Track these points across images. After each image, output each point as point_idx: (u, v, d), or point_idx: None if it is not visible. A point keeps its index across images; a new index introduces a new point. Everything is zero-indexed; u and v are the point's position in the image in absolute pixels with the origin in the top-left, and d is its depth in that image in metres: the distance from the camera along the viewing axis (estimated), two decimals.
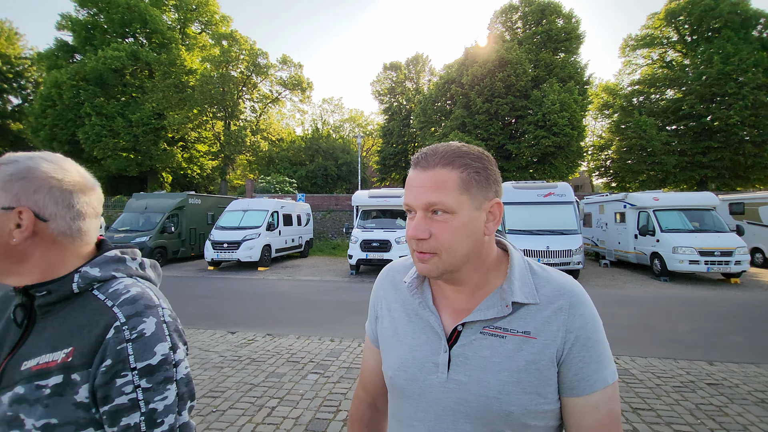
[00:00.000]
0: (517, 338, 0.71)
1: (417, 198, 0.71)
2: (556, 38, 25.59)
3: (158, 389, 0.69)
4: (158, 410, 0.69)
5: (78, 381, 0.67)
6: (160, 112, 28.10)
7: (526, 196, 11.18)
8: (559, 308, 0.71)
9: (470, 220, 0.71)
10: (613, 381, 0.71)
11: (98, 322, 0.70)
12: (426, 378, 0.74)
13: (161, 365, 0.70)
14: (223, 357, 4.56)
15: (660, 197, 11.44)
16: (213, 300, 7.99)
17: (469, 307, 0.75)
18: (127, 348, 0.68)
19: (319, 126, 39.60)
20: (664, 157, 24.10)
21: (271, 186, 25.29)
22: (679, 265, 9.99)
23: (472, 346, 0.73)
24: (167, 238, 13.69)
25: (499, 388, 0.69)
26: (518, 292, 0.72)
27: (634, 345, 5.01)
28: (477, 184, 0.71)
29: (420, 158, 0.73)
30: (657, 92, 27.24)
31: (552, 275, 0.76)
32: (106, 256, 0.80)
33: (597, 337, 0.71)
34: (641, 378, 3.99)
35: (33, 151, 0.78)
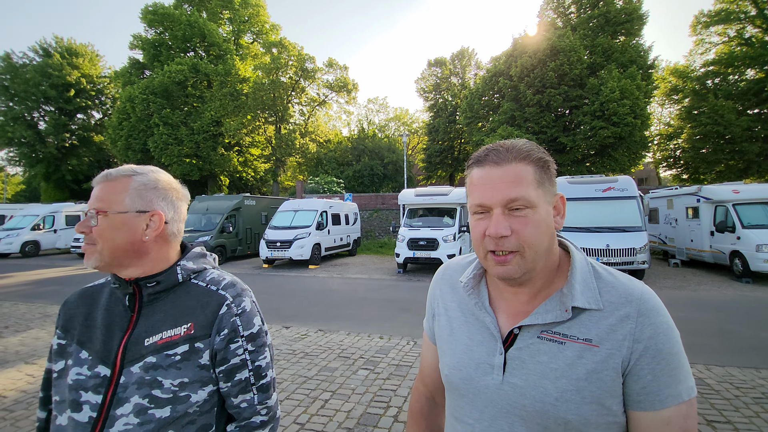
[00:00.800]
0: (577, 345, 0.68)
1: (495, 194, 0.69)
2: (614, 20, 23.81)
3: (260, 351, 0.91)
4: (262, 366, 0.91)
5: (201, 348, 0.85)
6: (217, 120, 30.10)
7: (583, 191, 10.53)
8: (625, 316, 0.67)
9: (547, 215, 0.70)
10: (689, 397, 0.66)
11: (209, 302, 0.88)
12: (481, 378, 0.74)
13: (259, 333, 0.92)
14: (279, 350, 4.81)
15: (741, 189, 10.27)
16: (268, 296, 8.42)
17: (527, 310, 0.74)
18: (236, 320, 0.88)
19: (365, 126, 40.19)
20: (746, 144, 21.53)
21: (320, 186, 26.10)
22: (764, 264, 8.91)
23: (529, 350, 0.71)
24: (226, 237, 14.64)
25: (557, 395, 0.67)
26: (579, 297, 0.69)
27: (710, 353, 4.57)
28: (548, 179, 0.71)
29: (490, 154, 0.71)
30: (735, 73, 24.41)
31: (619, 279, 0.72)
32: (195, 252, 0.97)
33: (671, 349, 0.66)
34: (718, 389, 3.63)
35: (132, 164, 0.94)
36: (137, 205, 0.87)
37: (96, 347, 0.85)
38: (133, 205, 0.87)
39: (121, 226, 0.85)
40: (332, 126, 40.38)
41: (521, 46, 24.62)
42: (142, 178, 0.89)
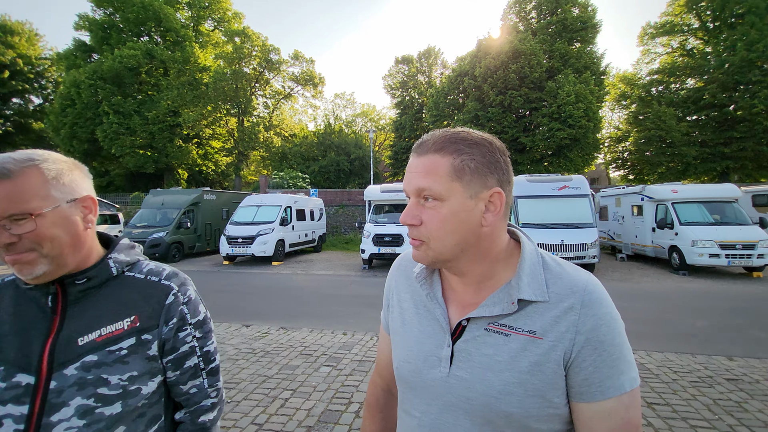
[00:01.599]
0: (521, 337, 0.68)
1: (410, 183, 0.70)
2: (571, 27, 24.98)
3: (207, 337, 0.93)
4: (210, 351, 0.93)
5: (150, 339, 0.84)
6: (175, 110, 28.59)
7: (540, 190, 11.01)
8: (569, 307, 0.67)
9: (462, 209, 0.68)
10: (631, 388, 0.65)
11: (153, 293, 0.87)
12: (429, 371, 0.74)
13: (206, 320, 0.93)
14: (238, 349, 4.66)
15: (679, 189, 11.14)
16: (228, 294, 8.14)
17: (475, 302, 0.73)
18: (184, 309, 0.88)
19: (332, 121, 39.70)
20: (684, 148, 23.40)
21: (284, 181, 25.53)
22: (698, 258, 9.74)
23: (476, 342, 0.71)
24: (183, 233, 13.98)
25: (501, 388, 0.67)
26: (526, 289, 0.68)
27: (651, 340, 4.92)
28: (471, 172, 0.68)
29: (418, 144, 0.73)
30: (677, 81, 26.39)
31: (566, 270, 0.71)
32: (125, 244, 0.92)
33: (613, 341, 0.65)
34: (657, 373, 3.92)
35: (51, 150, 0.85)
36: (66, 194, 0.79)
37: (9, 356, 0.77)
38: (62, 194, 0.79)
39: (61, 221, 0.78)
40: (298, 120, 39.61)
41: (485, 48, 25.26)
42: (49, 163, 0.78)
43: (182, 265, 12.60)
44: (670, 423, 2.97)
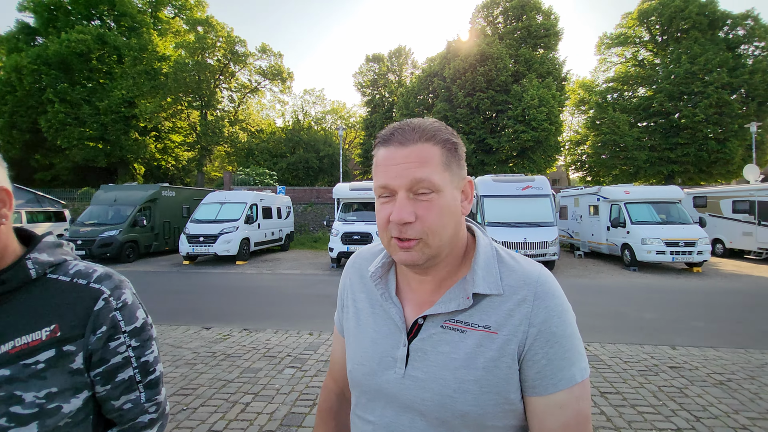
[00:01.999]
0: (477, 333, 0.66)
1: (400, 176, 0.64)
2: (535, 34, 25.94)
3: (146, 345, 0.83)
4: (149, 361, 0.84)
5: (73, 351, 0.74)
6: (130, 100, 26.98)
7: (505, 189, 11.36)
8: (522, 299, 0.66)
9: (453, 200, 0.67)
10: (582, 379, 0.65)
11: (79, 298, 0.76)
12: (384, 373, 0.71)
13: (144, 326, 0.83)
14: (197, 353, 4.46)
15: (631, 191, 11.85)
16: (188, 295, 7.79)
17: (433, 299, 0.71)
18: (117, 315, 0.78)
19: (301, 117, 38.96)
20: (636, 152, 24.96)
21: (251, 178, 24.79)
22: (647, 255, 10.41)
23: (432, 340, 0.68)
24: (139, 231, 13.24)
25: (456, 386, 0.65)
26: (481, 283, 0.67)
27: (605, 332, 5.19)
28: (455, 162, 0.67)
29: (396, 133, 0.67)
30: (630, 90, 28.10)
31: (519, 263, 0.71)
32: (49, 241, 0.82)
33: (564, 332, 0.64)
34: (609, 363, 4.14)
35: None
36: None
37: None
38: None
39: None
40: (265, 115, 38.50)
41: (454, 50, 25.71)
42: None
43: (138, 266, 11.94)
44: (621, 410, 3.13)
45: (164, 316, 5.98)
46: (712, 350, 4.53)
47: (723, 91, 23.46)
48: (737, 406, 3.19)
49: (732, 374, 3.83)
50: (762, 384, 3.60)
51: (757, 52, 24.99)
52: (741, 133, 23.64)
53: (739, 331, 5.32)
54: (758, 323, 5.69)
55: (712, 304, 6.96)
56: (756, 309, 6.55)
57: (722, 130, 23.91)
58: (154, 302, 7.00)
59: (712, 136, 24.11)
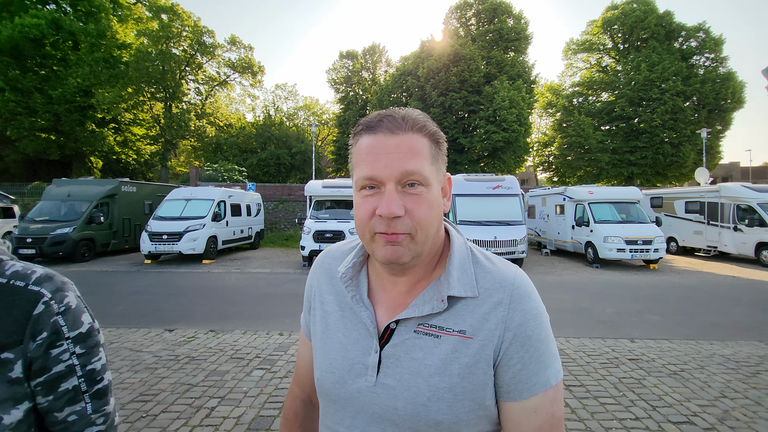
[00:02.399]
0: (452, 338, 0.63)
1: (389, 167, 0.59)
2: (507, 37, 26.56)
3: (92, 352, 0.77)
4: (96, 369, 0.77)
5: (11, 358, 0.69)
6: (86, 89, 25.41)
7: (477, 188, 11.57)
8: (498, 302, 0.64)
9: (438, 195, 0.64)
10: (556, 382, 0.63)
11: (16, 302, 0.71)
12: (354, 381, 0.67)
13: (91, 332, 0.77)
14: (158, 357, 4.24)
15: (594, 191, 12.38)
16: (149, 296, 7.43)
17: (406, 301, 0.67)
18: (59, 320, 0.72)
19: (272, 113, 38.08)
20: (599, 154, 26.13)
21: (219, 174, 23.99)
22: (608, 253, 10.92)
23: (405, 346, 0.65)
24: (95, 229, 12.49)
25: (430, 394, 0.62)
26: (456, 285, 0.64)
27: (570, 327, 5.38)
28: (440, 156, 0.65)
29: (385, 120, 0.62)
30: (594, 94, 29.36)
31: (495, 264, 0.68)
32: None
33: (539, 335, 0.63)
34: (574, 357, 4.29)
35: None
36: None
37: None
38: None
39: None
40: (234, 109, 37.34)
41: (428, 50, 25.90)
42: None
43: (94, 265, 11.28)
44: (584, 402, 3.25)
45: (122, 319, 5.67)
46: (667, 342, 4.79)
47: (677, 98, 24.97)
48: (689, 394, 3.38)
49: (684, 364, 4.06)
50: (711, 373, 3.84)
51: (708, 63, 26.75)
52: (693, 138, 25.26)
53: (690, 323, 5.65)
54: (706, 316, 6.08)
55: (667, 298, 7.38)
56: (704, 303, 7.00)
57: (676, 135, 25.45)
58: (110, 304, 6.62)
59: (667, 141, 25.62)
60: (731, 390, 3.47)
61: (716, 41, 26.10)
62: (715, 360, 4.19)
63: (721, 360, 4.19)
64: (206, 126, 31.54)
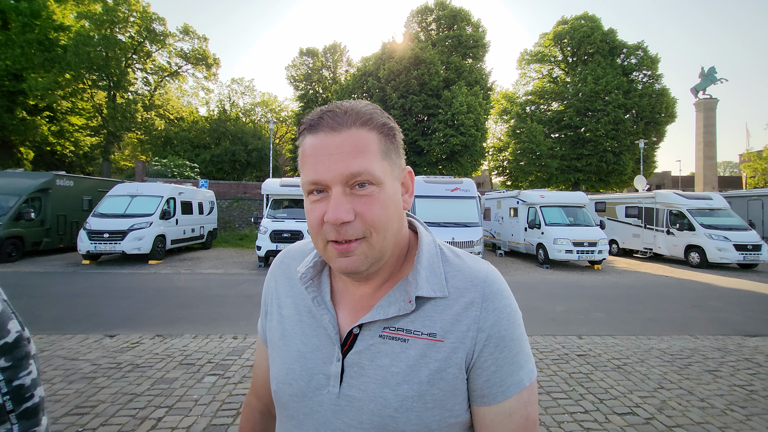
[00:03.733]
0: (421, 342, 0.59)
1: (333, 169, 0.54)
2: (465, 44, 27.39)
3: (20, 366, 0.67)
4: (25, 385, 0.68)
5: None
6: (17, 73, 22.97)
7: (436, 190, 11.79)
8: (470, 302, 0.60)
9: (395, 192, 0.59)
10: (530, 382, 0.61)
11: None
12: (315, 394, 0.61)
13: (18, 342, 0.68)
14: (97, 365, 3.88)
15: (545, 195, 13.05)
16: (87, 299, 6.81)
17: (370, 304, 0.63)
18: None
19: (227, 107, 36.52)
20: (549, 160, 27.67)
21: (168, 169, 22.63)
22: (558, 254, 11.55)
23: (370, 352, 0.60)
24: (25, 226, 11.30)
25: (397, 405, 0.57)
26: (424, 284, 0.60)
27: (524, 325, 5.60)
28: (394, 150, 0.60)
29: (326, 117, 0.56)
30: (545, 103, 31.06)
31: (465, 262, 0.65)
32: None
33: (513, 334, 0.61)
34: None
35: None
36: None
37: None
38: None
39: None
40: (187, 102, 35.39)
41: (389, 51, 26.09)
42: None
43: (22, 266, 10.19)
44: (539, 398, 3.38)
45: (55, 324, 5.14)
46: (610, 338, 5.12)
47: (619, 110, 27.04)
48: (631, 386, 3.63)
49: (627, 359, 4.36)
50: (650, 366, 4.15)
51: (645, 79, 29.21)
52: (632, 148, 27.47)
53: (630, 320, 6.10)
54: (644, 312, 6.59)
55: (610, 297, 7.92)
56: (642, 301, 7.59)
57: (618, 144, 27.55)
58: (41, 308, 6.00)
59: (610, 150, 27.65)
60: (668, 381, 3.76)
61: (653, 59, 28.57)
62: (653, 354, 4.54)
63: (658, 354, 4.55)
64: (155, 118, 29.66)
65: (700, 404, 3.28)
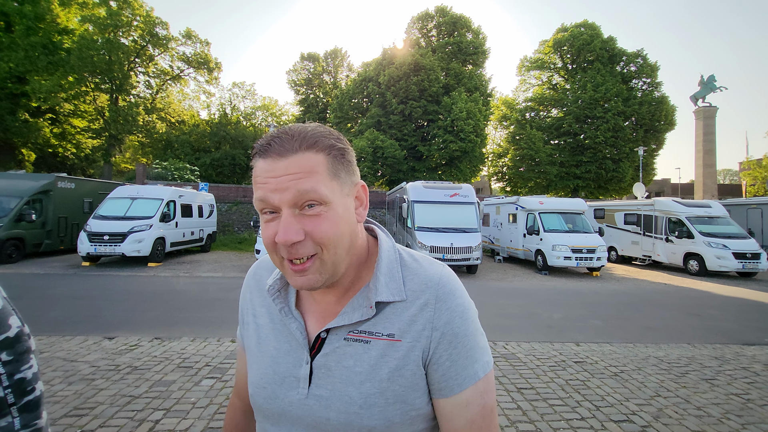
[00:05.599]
0: (381, 342, 0.64)
1: (281, 190, 0.57)
2: (465, 50, 27.58)
3: (22, 360, 0.69)
4: (27, 379, 0.70)
5: None
6: (20, 75, 23.09)
7: (435, 196, 11.82)
8: (425, 303, 0.65)
9: (345, 210, 0.62)
10: (485, 373, 0.65)
11: None
12: (286, 395, 0.66)
13: (19, 337, 0.70)
14: (96, 367, 3.90)
15: (544, 201, 13.09)
16: (86, 301, 6.82)
17: (337, 310, 0.67)
18: None
19: (228, 111, 36.64)
20: (548, 167, 27.75)
21: (168, 172, 22.68)
22: (556, 260, 11.57)
23: (335, 355, 0.65)
24: (26, 227, 11.32)
25: (361, 401, 0.62)
26: (383, 290, 0.65)
27: (521, 331, 5.62)
28: (344, 168, 0.63)
29: (273, 142, 0.59)
30: (544, 110, 31.22)
31: (422, 265, 0.69)
32: None
33: (466, 331, 0.65)
34: (524, 360, 4.47)
35: None
36: None
37: None
38: None
39: None
40: (188, 106, 35.51)
41: (390, 57, 26.27)
42: None
43: (23, 267, 10.20)
44: (535, 405, 3.39)
45: (55, 326, 5.15)
46: (608, 345, 5.13)
47: (618, 117, 27.17)
48: (628, 394, 3.64)
49: (624, 366, 4.37)
50: (647, 374, 4.16)
51: (645, 87, 29.39)
52: (631, 155, 27.57)
53: (628, 327, 6.11)
54: (642, 321, 6.60)
55: (608, 304, 7.93)
56: (640, 308, 7.60)
57: (617, 151, 27.66)
58: (41, 309, 6.01)
59: (609, 157, 27.76)
60: (664, 389, 3.77)
61: (652, 67, 28.76)
62: (650, 362, 4.55)
63: (655, 362, 4.56)
64: (156, 121, 29.76)
65: (697, 413, 3.30)
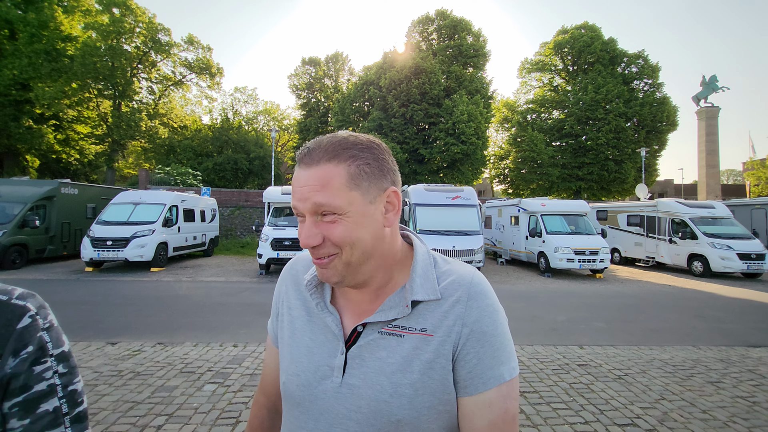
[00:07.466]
0: (414, 336, 0.67)
1: (303, 200, 0.63)
2: (466, 53, 27.63)
3: (73, 373, 0.73)
4: (78, 390, 0.72)
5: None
6: (24, 82, 23.29)
7: (436, 199, 11.81)
8: (456, 300, 0.68)
9: (364, 216, 0.65)
10: (510, 377, 0.66)
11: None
12: (320, 383, 0.69)
13: (70, 353, 0.74)
14: (99, 373, 3.90)
15: (546, 203, 13.05)
16: (89, 306, 6.84)
17: (372, 308, 0.71)
18: (44, 336, 0.70)
19: (230, 116, 36.84)
20: (550, 168, 27.69)
21: (171, 177, 22.78)
22: (559, 262, 11.52)
23: (369, 346, 0.68)
24: (29, 233, 11.39)
25: (392, 391, 0.64)
26: (419, 290, 0.68)
27: (523, 334, 5.59)
28: (369, 177, 0.65)
29: (304, 153, 0.65)
30: (546, 112, 31.19)
31: (453, 267, 0.73)
32: None
33: (494, 331, 0.67)
34: (528, 364, 4.45)
35: None
36: None
37: None
38: None
39: None
40: (190, 111, 35.72)
41: (390, 60, 26.36)
42: None
43: (26, 273, 10.25)
44: (538, 408, 3.36)
45: None
46: (612, 348, 5.10)
47: (620, 119, 27.12)
48: (632, 397, 3.61)
49: (628, 369, 4.34)
50: (651, 377, 4.13)
51: (646, 88, 29.34)
52: (633, 156, 27.48)
53: (632, 330, 6.07)
54: (646, 323, 6.56)
55: (611, 306, 7.88)
56: (644, 310, 7.55)
57: (619, 153, 27.58)
58: None
59: (611, 158, 27.68)
60: (669, 393, 3.74)
61: (653, 68, 28.72)
62: (654, 364, 4.51)
63: (660, 364, 4.52)
64: (159, 127, 29.93)
65: (702, 416, 3.26)
